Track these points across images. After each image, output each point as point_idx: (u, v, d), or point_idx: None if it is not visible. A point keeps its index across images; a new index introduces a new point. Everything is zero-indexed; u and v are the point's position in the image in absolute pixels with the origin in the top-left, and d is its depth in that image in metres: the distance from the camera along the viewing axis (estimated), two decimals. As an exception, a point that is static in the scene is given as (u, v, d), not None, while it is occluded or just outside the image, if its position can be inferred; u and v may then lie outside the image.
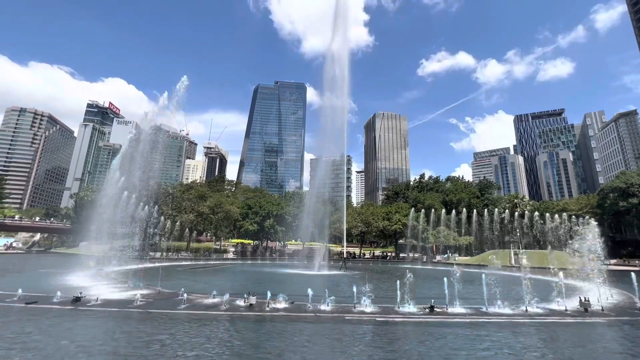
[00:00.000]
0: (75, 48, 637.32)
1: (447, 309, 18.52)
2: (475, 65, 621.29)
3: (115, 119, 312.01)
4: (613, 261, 68.15)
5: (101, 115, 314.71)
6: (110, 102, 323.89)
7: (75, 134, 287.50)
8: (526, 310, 18.71)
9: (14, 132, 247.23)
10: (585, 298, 19.92)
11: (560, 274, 21.70)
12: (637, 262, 63.71)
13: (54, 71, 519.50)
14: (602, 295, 20.91)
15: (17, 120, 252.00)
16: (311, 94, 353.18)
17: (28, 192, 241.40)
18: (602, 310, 19.40)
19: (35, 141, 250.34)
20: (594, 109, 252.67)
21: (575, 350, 12.33)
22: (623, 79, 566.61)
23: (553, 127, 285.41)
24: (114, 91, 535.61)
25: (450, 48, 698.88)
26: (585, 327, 16.13)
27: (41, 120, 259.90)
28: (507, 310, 18.59)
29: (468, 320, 16.77)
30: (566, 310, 19.06)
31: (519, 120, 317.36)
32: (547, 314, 18.24)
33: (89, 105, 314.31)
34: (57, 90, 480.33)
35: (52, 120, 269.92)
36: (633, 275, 22.56)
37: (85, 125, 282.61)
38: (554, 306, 20.04)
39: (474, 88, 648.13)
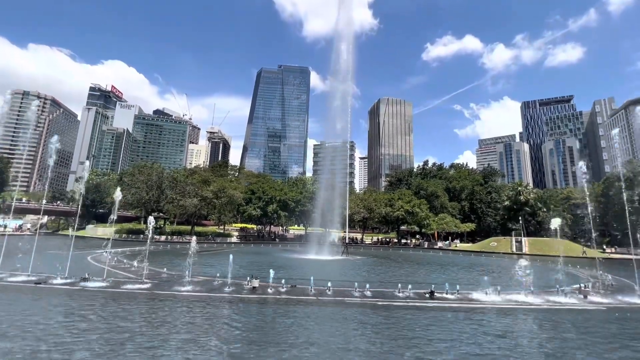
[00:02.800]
0: (74, 29, 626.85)
1: (447, 294, 18.79)
2: (482, 50, 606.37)
3: (118, 102, 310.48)
4: (615, 249, 68.34)
5: (104, 99, 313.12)
6: (112, 86, 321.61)
7: (79, 118, 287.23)
8: (526, 296, 18.92)
9: (18, 115, 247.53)
10: (584, 285, 20.08)
11: (562, 261, 21.81)
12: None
13: (54, 53, 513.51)
14: (602, 282, 21.06)
15: (21, 103, 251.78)
16: (314, 79, 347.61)
17: (34, 175, 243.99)
18: (601, 297, 19.57)
19: (39, 125, 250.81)
20: (605, 96, 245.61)
21: (570, 335, 12.50)
22: (637, 65, 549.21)
23: (561, 114, 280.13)
24: (114, 74, 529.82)
25: (456, 32, 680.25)
26: (583, 314, 16.31)
27: (44, 103, 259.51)
28: (506, 297, 18.80)
29: (466, 305, 17.01)
30: (565, 297, 19.24)
31: (526, 106, 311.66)
32: (546, 301, 18.43)
33: (91, 89, 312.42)
34: (58, 73, 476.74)
35: (55, 103, 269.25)
36: (635, 263, 22.60)
37: (89, 108, 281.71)
38: (553, 293, 20.23)
39: (480, 74, 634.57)
